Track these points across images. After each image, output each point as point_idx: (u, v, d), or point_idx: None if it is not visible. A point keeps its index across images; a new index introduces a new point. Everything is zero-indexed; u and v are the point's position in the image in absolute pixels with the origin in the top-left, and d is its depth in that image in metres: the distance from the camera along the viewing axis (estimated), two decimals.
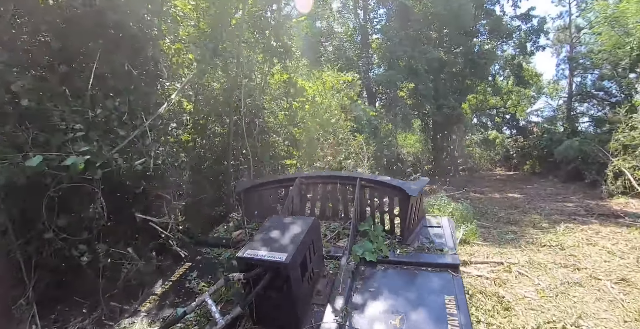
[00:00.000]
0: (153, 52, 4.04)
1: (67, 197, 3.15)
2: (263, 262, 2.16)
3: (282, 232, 2.43)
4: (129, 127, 3.61)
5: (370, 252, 2.88)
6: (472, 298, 3.92)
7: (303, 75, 6.71)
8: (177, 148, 4.06)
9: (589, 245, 6.22)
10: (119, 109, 3.52)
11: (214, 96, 4.48)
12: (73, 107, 3.17)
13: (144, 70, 3.99)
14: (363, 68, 17.86)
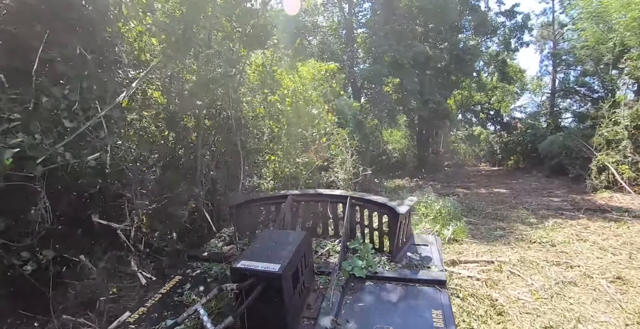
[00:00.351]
0: (110, 36, 3.63)
1: (4, 198, 2.74)
2: (256, 272, 2.19)
3: (275, 245, 2.48)
4: (81, 118, 3.20)
5: (359, 268, 2.93)
6: (463, 301, 3.64)
7: (284, 67, 6.34)
8: (141, 142, 3.66)
9: (579, 241, 6.04)
10: (69, 98, 3.10)
11: (186, 87, 4.09)
12: (10, 95, 2.75)
13: (101, 55, 3.57)
14: (348, 63, 17.51)
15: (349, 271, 2.92)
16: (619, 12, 15.12)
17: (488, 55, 28.77)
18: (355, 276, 2.90)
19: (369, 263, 3.02)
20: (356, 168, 7.27)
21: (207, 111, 4.66)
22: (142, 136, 3.83)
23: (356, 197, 3.62)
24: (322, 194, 3.91)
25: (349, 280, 2.88)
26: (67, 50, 3.28)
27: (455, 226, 6.29)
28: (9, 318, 3.20)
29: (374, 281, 2.88)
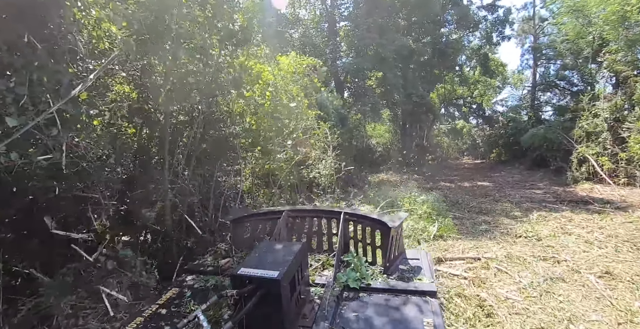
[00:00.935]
0: (65, 23, 3.29)
1: None
2: (256, 279, 2.27)
3: (273, 254, 2.59)
4: (30, 113, 2.88)
5: (353, 279, 3.02)
6: (450, 303, 3.47)
7: (262, 59, 6.04)
8: (105, 139, 3.34)
9: (564, 234, 5.97)
10: (16, 91, 2.77)
11: (159, 81, 3.78)
12: None
13: (54, 44, 3.23)
14: (330, 56, 17.23)
15: (343, 282, 3.00)
16: (599, 6, 15.24)
17: (470, 49, 28.96)
18: (349, 287, 2.98)
19: (362, 275, 3.11)
20: (338, 163, 7.05)
21: (180, 106, 4.36)
22: (107, 132, 3.51)
23: (350, 213, 3.73)
24: (317, 210, 4.08)
25: (344, 291, 2.96)
26: (13, 38, 2.95)
27: (440, 224, 6.12)
28: None
29: (368, 292, 2.96)
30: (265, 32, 7.77)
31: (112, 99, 3.61)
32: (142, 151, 4.20)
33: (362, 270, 3.17)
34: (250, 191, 5.65)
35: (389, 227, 3.31)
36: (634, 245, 5.25)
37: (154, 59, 4.00)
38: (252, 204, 5.77)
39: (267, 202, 5.73)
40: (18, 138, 2.74)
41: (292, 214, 4.00)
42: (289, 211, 3.97)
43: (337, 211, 3.83)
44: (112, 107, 3.54)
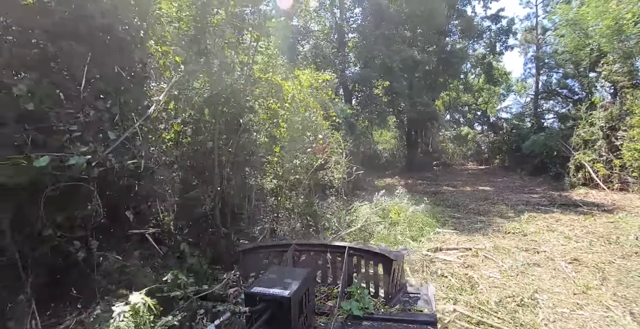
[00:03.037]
0: (140, 55, 4.22)
1: (64, 197, 3.31)
2: (268, 296, 2.44)
3: (284, 277, 2.73)
4: (120, 128, 3.80)
5: (357, 308, 3.17)
6: (443, 279, 4.33)
7: (281, 75, 6.93)
8: (167, 147, 4.25)
9: (548, 231, 6.79)
10: (111, 111, 3.69)
11: (198, 95, 4.68)
12: (67, 109, 3.33)
13: (132, 72, 4.16)
14: (340, 66, 18.17)
15: (347, 310, 3.15)
16: (595, 20, 15.98)
17: (475, 58, 29.68)
18: (353, 315, 3.12)
19: (365, 305, 3.25)
20: (350, 168, 7.93)
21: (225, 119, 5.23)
22: (168, 142, 4.41)
23: (354, 248, 3.88)
24: (323, 245, 4.23)
25: (347, 319, 3.11)
26: (106, 68, 3.88)
27: (428, 234, 6.61)
28: (55, 301, 3.77)
29: (370, 321, 3.11)
30: (282, 46, 8.66)
31: (171, 115, 4.53)
32: (195, 156, 5.10)
33: (365, 300, 3.31)
34: (274, 191, 6.53)
35: (390, 260, 3.50)
36: (607, 240, 6.06)
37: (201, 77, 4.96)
38: (274, 203, 6.64)
39: (288, 200, 6.61)
40: (115, 147, 3.66)
41: (298, 248, 4.16)
42: (296, 245, 4.14)
43: (342, 246, 3.96)
44: (172, 122, 4.46)
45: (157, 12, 4.66)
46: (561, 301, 3.84)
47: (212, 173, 4.57)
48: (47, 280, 3.56)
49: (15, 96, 2.95)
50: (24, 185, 2.83)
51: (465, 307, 3.62)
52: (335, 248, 4.03)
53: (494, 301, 3.75)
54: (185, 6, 4.97)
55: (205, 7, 4.88)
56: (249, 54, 5.54)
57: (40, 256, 3.40)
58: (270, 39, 6.61)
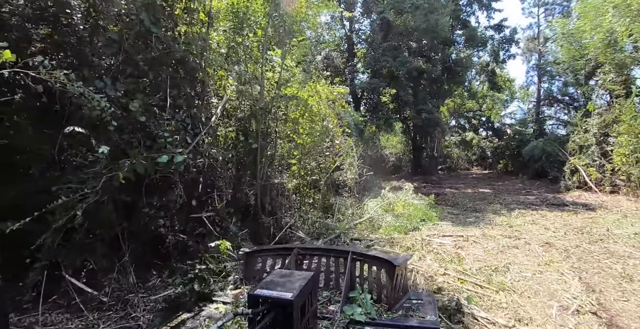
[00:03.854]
0: (203, 78, 5.47)
1: (156, 185, 4.54)
2: (271, 299, 2.43)
3: (287, 279, 2.72)
4: (191, 134, 5.03)
5: (359, 314, 3.22)
6: (437, 255, 5.47)
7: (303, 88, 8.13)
8: (224, 149, 5.48)
9: (532, 224, 7.91)
10: (186, 122, 4.93)
11: (245, 109, 5.89)
12: (160, 120, 4.57)
13: (198, 91, 5.40)
14: (349, 76, 19.41)
15: (349, 315, 3.17)
16: (590, 32, 17.02)
17: (479, 65, 30.73)
18: (355, 320, 3.14)
19: (367, 310, 3.28)
20: (360, 169, 9.10)
21: (260, 126, 6.43)
22: (224, 144, 5.63)
23: (357, 253, 3.96)
24: (326, 249, 4.32)
25: (349, 324, 3.13)
26: (181, 89, 5.12)
27: (428, 225, 7.73)
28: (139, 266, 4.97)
29: (373, 326, 3.14)
30: (300, 58, 9.84)
31: (225, 122, 5.75)
32: (245, 157, 6.32)
33: (367, 306, 3.33)
34: (296, 188, 7.72)
35: (394, 266, 3.53)
36: (580, 231, 7.17)
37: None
38: (297, 200, 7.82)
39: (309, 197, 7.81)
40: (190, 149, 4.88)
41: (302, 252, 4.21)
42: (299, 249, 4.21)
43: (345, 251, 4.01)
44: (228, 131, 5.69)
45: (214, 45, 5.91)
46: (527, 269, 4.98)
47: (254, 171, 5.78)
48: (140, 248, 4.76)
49: (131, 111, 4.19)
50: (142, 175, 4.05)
51: (453, 272, 4.77)
52: (338, 253, 4.12)
53: (475, 269, 4.89)
54: (230, 37, 6.23)
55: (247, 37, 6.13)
56: (279, 72, 6.75)
57: (137, 230, 4.62)
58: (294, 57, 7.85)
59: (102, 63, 4.22)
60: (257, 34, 6.44)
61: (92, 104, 3.47)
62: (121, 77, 4.21)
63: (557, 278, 4.69)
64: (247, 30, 6.37)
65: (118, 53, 4.14)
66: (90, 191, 3.36)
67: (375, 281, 3.78)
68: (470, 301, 3.79)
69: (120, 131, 3.93)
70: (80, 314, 3.74)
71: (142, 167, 3.71)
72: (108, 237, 4.29)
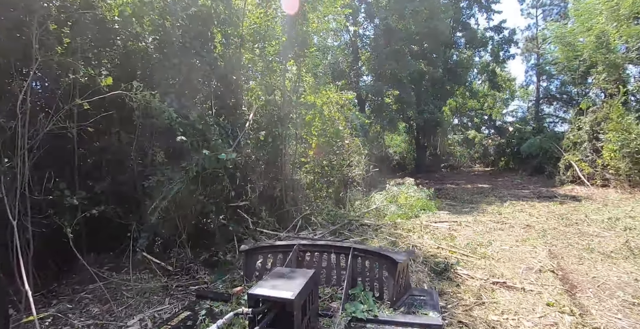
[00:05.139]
0: (238, 90, 6.61)
1: (210, 179, 5.68)
2: (271, 298, 2.41)
3: (287, 279, 2.71)
4: (231, 138, 6.18)
5: (361, 311, 3.18)
6: (433, 235, 6.58)
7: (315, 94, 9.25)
8: (256, 148, 6.63)
9: (520, 212, 9.00)
10: (228, 127, 6.08)
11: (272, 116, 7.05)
12: (209, 126, 5.71)
13: (233, 102, 6.55)
14: (354, 79, 20.55)
15: (351, 312, 3.14)
16: (582, 35, 17.98)
17: (480, 65, 31.68)
18: (357, 318, 3.11)
19: (369, 307, 3.25)
20: (367, 166, 10.23)
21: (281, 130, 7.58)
22: (255, 145, 6.78)
23: (359, 249, 3.91)
24: (327, 245, 4.21)
25: (351, 321, 3.09)
26: (223, 102, 6.27)
27: (427, 214, 8.85)
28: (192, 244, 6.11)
29: (375, 324, 3.09)
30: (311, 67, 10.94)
31: (255, 127, 6.91)
32: (273, 155, 7.44)
33: (369, 302, 3.31)
34: (311, 183, 8.86)
35: (396, 262, 3.49)
36: (560, 217, 8.25)
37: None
38: (311, 194, 8.95)
39: (321, 190, 8.95)
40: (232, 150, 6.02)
41: (302, 248, 4.19)
42: (300, 245, 4.16)
43: (347, 246, 3.96)
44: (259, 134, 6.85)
45: (242, 60, 7.06)
46: (506, 244, 6.09)
47: (279, 168, 6.94)
48: (192, 230, 5.88)
49: (189, 120, 5.33)
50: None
51: (446, 246, 5.87)
52: (339, 249, 4.04)
53: (464, 244, 6.00)
54: (254, 53, 7.37)
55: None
56: (295, 81, 7.88)
57: (190, 215, 5.74)
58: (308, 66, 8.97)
59: (169, 83, 5.37)
60: (274, 46, 7.56)
61: (165, 116, 4.63)
62: (181, 93, 5.37)
63: (529, 249, 5.79)
64: (268, 45, 7.52)
65: (179, 74, 5.30)
66: (178, 181, 4.51)
67: (377, 278, 3.75)
68: (457, 264, 4.90)
69: (184, 136, 5.08)
70: (155, 277, 4.90)
71: (208, 163, 4.85)
72: (170, 219, 5.44)
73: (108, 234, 5.21)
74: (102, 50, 5.20)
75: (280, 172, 6.98)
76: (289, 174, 7.40)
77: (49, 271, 4.99)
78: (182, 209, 5.05)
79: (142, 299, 4.27)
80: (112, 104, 4.77)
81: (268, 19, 7.30)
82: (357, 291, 3.59)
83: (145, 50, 5.06)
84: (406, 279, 3.75)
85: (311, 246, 4.27)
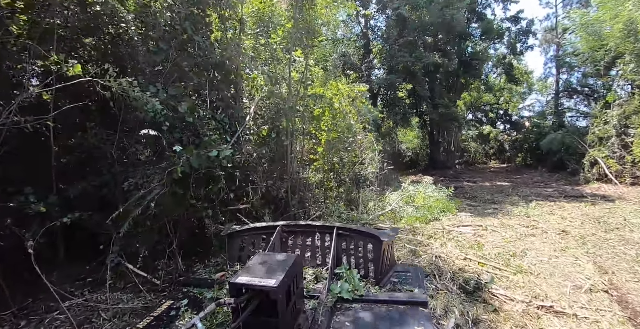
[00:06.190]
0: (238, 80, 5.93)
1: (201, 179, 5.02)
2: (253, 287, 2.34)
3: (269, 264, 2.62)
4: (229, 133, 5.50)
5: (347, 291, 3.18)
6: (458, 242, 5.83)
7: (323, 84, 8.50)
8: (258, 145, 5.94)
9: (549, 215, 8.16)
10: (225, 121, 5.40)
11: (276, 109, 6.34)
12: (202, 120, 5.04)
13: (232, 93, 5.87)
14: (366, 72, 19.73)
15: (337, 293, 3.14)
16: (609, 23, 16.87)
17: (495, 58, 30.50)
18: (343, 298, 3.11)
19: (355, 286, 3.25)
20: (381, 163, 9.48)
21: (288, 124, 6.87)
22: (257, 141, 6.11)
23: (343, 228, 3.88)
24: (310, 225, 4.17)
25: (337, 302, 3.09)
26: (219, 92, 5.59)
27: (448, 216, 8.06)
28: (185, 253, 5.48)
29: (361, 303, 3.09)
30: (320, 58, 10.21)
31: (258, 122, 6.22)
32: (277, 153, 6.77)
33: (354, 282, 3.30)
34: (320, 182, 8.15)
35: (380, 240, 3.49)
36: (596, 221, 7.40)
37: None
38: (320, 194, 8.25)
39: (331, 189, 8.24)
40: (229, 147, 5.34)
41: (286, 229, 4.13)
42: (283, 226, 4.11)
43: (330, 226, 3.93)
44: (262, 128, 6.16)
45: (243, 46, 6.36)
46: (543, 254, 5.31)
47: (284, 166, 6.25)
48: (184, 237, 5.25)
49: (179, 113, 4.66)
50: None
51: (473, 257, 5.13)
52: (324, 228, 4.02)
53: (494, 254, 5.24)
54: (256, 40, 6.66)
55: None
56: (302, 72, 7.15)
57: (183, 220, 5.11)
58: (315, 57, 8.24)
59: (154, 70, 4.70)
60: (279, 34, 6.88)
61: (147, 107, 3.96)
62: (169, 82, 4.69)
63: (572, 261, 5.01)
64: (272, 32, 6.81)
65: (166, 61, 4.62)
66: (156, 184, 3.85)
67: (362, 257, 3.73)
68: (492, 281, 4.15)
69: (171, 130, 4.41)
70: (139, 295, 4.26)
71: (197, 162, 4.18)
72: (158, 226, 4.80)
73: (89, 243, 4.60)
74: (82, 35, 4.56)
75: (286, 170, 6.29)
76: (295, 172, 6.70)
77: (23, 284, 4.41)
78: (167, 216, 4.40)
79: (120, 323, 3.63)
80: (89, 95, 4.12)
81: (272, 3, 6.59)
82: (342, 270, 3.59)
83: (127, 32, 4.39)
84: (391, 257, 3.81)
85: (294, 227, 4.24)
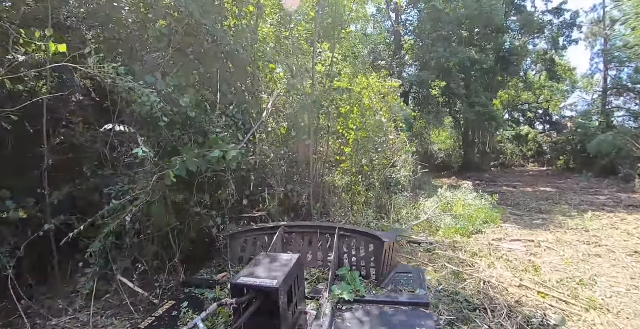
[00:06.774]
0: (253, 71, 5.26)
1: (208, 184, 4.38)
2: (255, 287, 2.33)
3: (271, 265, 2.62)
4: (242, 130, 4.83)
5: (348, 292, 3.19)
6: (508, 262, 4.92)
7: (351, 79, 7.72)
8: (276, 146, 5.27)
9: (612, 229, 7.03)
10: (237, 117, 4.74)
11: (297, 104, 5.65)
12: (210, 115, 4.40)
13: (248, 86, 5.21)
14: (397, 69, 18.73)
15: (338, 294, 3.15)
16: None
17: (535, 53, 28.69)
18: (344, 299, 3.12)
19: (356, 287, 3.27)
20: (415, 166, 8.61)
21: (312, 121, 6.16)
22: (275, 140, 5.45)
23: (344, 228, 3.90)
24: (313, 226, 4.19)
25: (338, 303, 3.11)
26: (233, 84, 4.93)
27: (491, 227, 7.12)
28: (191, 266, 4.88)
29: (362, 303, 3.10)
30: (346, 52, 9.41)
31: (276, 119, 5.55)
32: (298, 153, 6.10)
33: (356, 283, 3.31)
34: (347, 186, 7.39)
35: (382, 241, 3.49)
36: None
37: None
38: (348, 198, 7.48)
39: (360, 194, 7.45)
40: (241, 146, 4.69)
41: (287, 230, 4.12)
42: (285, 226, 4.11)
43: (332, 226, 3.95)
44: (281, 125, 5.48)
45: (261, 35, 5.69)
46: (618, 283, 4.32)
47: (305, 168, 5.53)
48: (190, 248, 4.64)
49: (181, 107, 4.03)
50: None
51: (530, 283, 4.22)
52: (325, 229, 4.02)
53: (555, 280, 4.31)
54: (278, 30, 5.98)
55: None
56: (328, 65, 6.42)
57: (187, 229, 4.48)
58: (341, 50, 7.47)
59: (153, 58, 4.10)
60: (302, 25, 6.20)
61: (141, 99, 3.33)
62: (172, 71, 4.07)
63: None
64: (294, 22, 6.12)
65: (168, 47, 4.00)
66: (140, 192, 3.22)
67: (363, 257, 3.73)
68: (563, 323, 3.26)
69: (170, 127, 3.78)
70: (131, 316, 3.67)
71: (194, 165, 3.53)
72: (158, 237, 4.20)
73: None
74: (79, 17, 4.01)
75: (308, 173, 5.57)
76: (318, 175, 5.97)
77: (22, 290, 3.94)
78: (160, 228, 3.78)
79: None
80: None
81: None
82: (343, 271, 3.54)
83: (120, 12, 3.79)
84: (392, 258, 3.75)
85: (296, 227, 4.21)
